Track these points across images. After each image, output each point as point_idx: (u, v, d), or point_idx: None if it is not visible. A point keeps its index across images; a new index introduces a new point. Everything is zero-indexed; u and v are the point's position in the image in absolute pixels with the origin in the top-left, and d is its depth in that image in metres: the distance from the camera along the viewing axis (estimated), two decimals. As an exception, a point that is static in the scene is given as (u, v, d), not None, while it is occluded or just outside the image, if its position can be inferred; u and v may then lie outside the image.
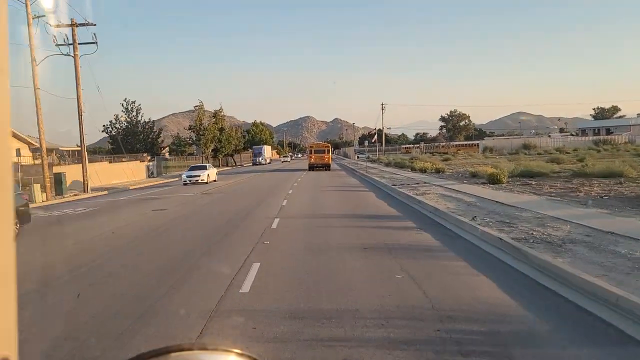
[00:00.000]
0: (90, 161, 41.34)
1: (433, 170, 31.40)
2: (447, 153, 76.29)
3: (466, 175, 26.64)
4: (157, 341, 4.82)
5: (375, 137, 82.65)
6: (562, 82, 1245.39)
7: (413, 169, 34.90)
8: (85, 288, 7.18)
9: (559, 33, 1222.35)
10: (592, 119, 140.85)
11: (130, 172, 41.13)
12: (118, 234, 12.89)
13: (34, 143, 36.00)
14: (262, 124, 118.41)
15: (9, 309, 0.70)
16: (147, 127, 57.21)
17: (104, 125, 53.82)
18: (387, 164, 49.18)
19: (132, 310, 5.88)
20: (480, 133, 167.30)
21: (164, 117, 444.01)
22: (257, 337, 4.86)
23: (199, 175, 33.45)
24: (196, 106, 66.98)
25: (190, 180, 33.27)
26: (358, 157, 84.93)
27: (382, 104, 77.63)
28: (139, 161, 45.10)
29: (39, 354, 4.67)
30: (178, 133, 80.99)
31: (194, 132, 67.49)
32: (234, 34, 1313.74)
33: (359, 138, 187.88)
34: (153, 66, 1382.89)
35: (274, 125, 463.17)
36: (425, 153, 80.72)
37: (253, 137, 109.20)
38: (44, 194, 26.17)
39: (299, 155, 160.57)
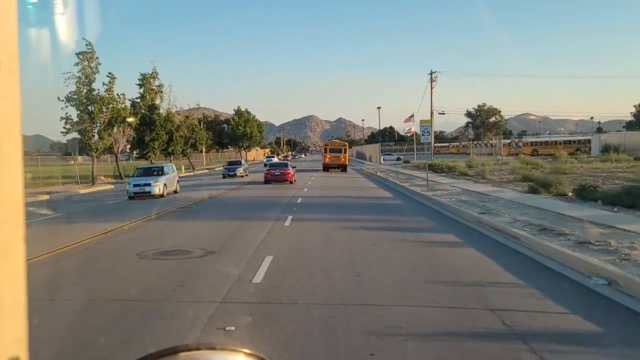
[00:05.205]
0: None
1: None
2: (538, 154, 47.83)
3: None
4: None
5: (412, 128, 54.83)
6: (567, 86, 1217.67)
7: None
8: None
9: (566, 34, 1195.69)
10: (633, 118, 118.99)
11: None
12: None
13: None
14: (248, 112, 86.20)
15: (19, 308, 0.69)
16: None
17: None
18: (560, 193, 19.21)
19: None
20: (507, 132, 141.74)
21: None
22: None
23: None
24: (79, 53, 31.76)
25: None
26: (384, 160, 59.46)
27: (431, 72, 48.40)
28: None
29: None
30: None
31: (73, 105, 32.36)
32: (237, 32, 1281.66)
33: (368, 137, 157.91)
34: (149, 65, 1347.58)
35: (277, 124, 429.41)
36: (491, 154, 52.00)
37: (234, 129, 79.21)
38: None
39: (281, 157, 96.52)
